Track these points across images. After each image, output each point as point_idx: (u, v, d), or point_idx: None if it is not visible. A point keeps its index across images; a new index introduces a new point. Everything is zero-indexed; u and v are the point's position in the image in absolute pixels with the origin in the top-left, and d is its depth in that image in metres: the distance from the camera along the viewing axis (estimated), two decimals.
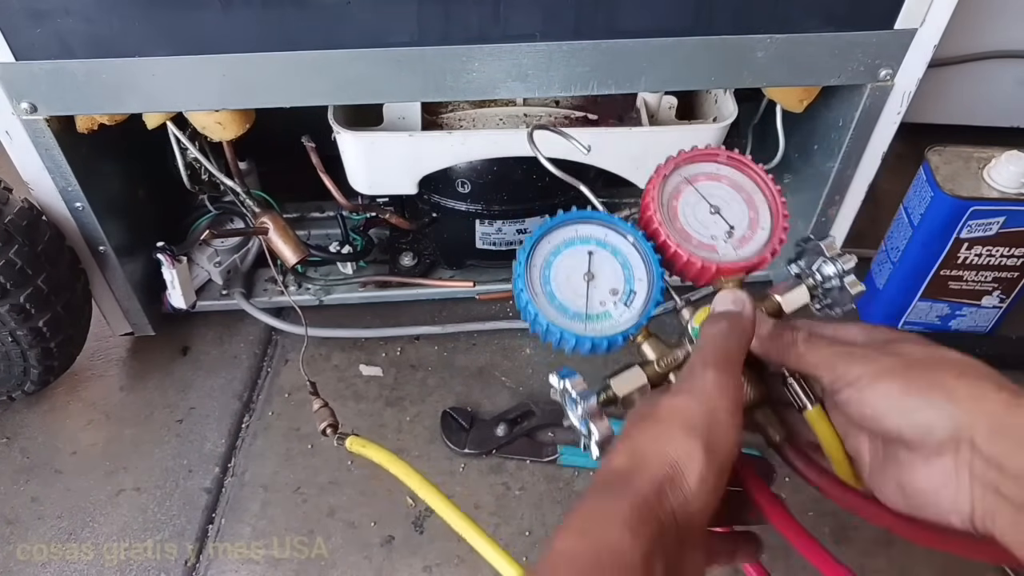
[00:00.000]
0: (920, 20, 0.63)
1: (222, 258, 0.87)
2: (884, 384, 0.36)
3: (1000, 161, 0.73)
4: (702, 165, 0.54)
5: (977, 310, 0.84)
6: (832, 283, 0.50)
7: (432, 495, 0.57)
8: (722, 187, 0.54)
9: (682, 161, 0.53)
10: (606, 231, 0.53)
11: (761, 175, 0.53)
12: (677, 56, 0.63)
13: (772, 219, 0.53)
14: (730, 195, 0.54)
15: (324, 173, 0.76)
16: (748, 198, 0.54)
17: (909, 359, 0.37)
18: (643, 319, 0.51)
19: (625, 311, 0.52)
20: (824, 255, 0.50)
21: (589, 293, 0.52)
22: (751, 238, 0.52)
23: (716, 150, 0.53)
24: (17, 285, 0.67)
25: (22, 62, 0.59)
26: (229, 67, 0.61)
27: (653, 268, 0.51)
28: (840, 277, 0.49)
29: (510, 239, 0.83)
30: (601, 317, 0.52)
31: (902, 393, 0.36)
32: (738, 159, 0.53)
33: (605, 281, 0.53)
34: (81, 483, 0.75)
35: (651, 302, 0.51)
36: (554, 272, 0.52)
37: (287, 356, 0.87)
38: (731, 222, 0.52)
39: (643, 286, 0.52)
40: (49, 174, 0.68)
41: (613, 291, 0.52)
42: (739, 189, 0.54)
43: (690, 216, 0.53)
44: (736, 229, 0.53)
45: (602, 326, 0.52)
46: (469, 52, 0.61)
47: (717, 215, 0.52)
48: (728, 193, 0.54)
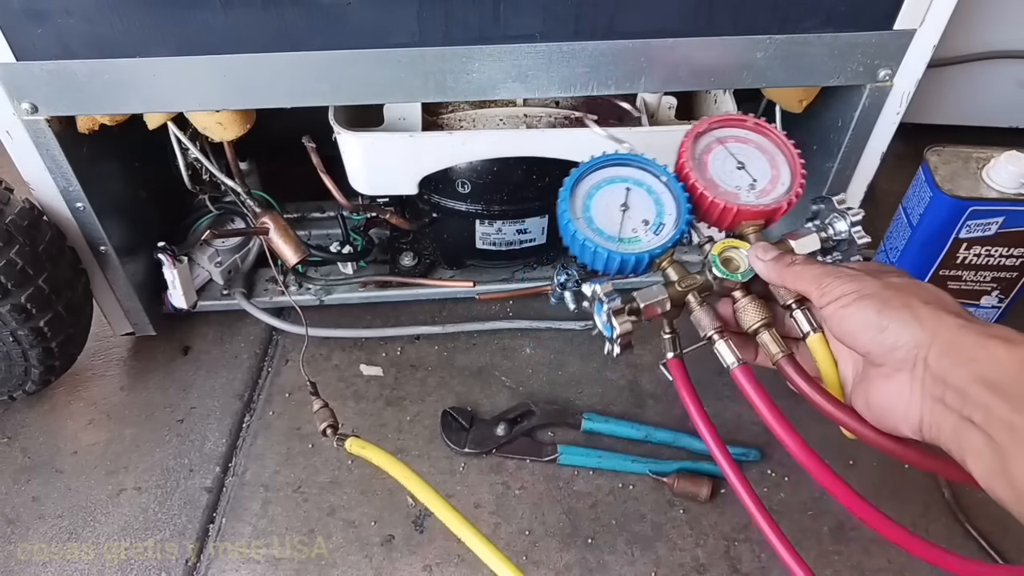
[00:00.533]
0: (919, 21, 0.63)
1: (223, 258, 0.87)
2: (864, 302, 0.41)
3: (999, 161, 0.73)
4: (732, 129, 0.59)
5: (976, 310, 0.84)
6: (842, 235, 0.54)
7: (431, 497, 0.57)
8: (749, 148, 0.59)
9: (715, 123, 0.59)
10: (643, 173, 0.59)
11: (783, 140, 0.59)
12: (676, 57, 0.63)
13: (792, 176, 0.58)
14: (755, 155, 0.59)
15: (325, 173, 0.76)
16: (771, 159, 0.59)
17: (889, 283, 0.42)
18: (669, 243, 0.56)
19: (654, 238, 0.57)
20: (836, 210, 0.54)
21: (623, 221, 0.58)
22: (771, 191, 0.58)
23: (744, 116, 0.59)
24: (18, 285, 0.67)
25: (23, 62, 0.59)
26: (230, 68, 0.61)
27: (682, 205, 0.57)
28: (849, 230, 0.53)
29: (510, 239, 0.83)
30: (632, 241, 0.58)
31: (877, 312, 0.40)
32: (764, 126, 0.59)
33: (638, 213, 0.58)
34: (82, 483, 0.75)
35: (677, 231, 0.57)
36: (595, 201, 0.59)
37: (288, 356, 0.87)
38: (754, 175, 0.58)
39: (671, 219, 0.57)
40: (50, 174, 0.68)
41: (645, 221, 0.58)
42: (763, 151, 0.59)
43: (719, 169, 0.58)
44: (758, 182, 0.58)
45: (632, 247, 0.57)
46: (469, 53, 0.61)
47: (743, 170, 0.58)
48: (753, 153, 0.59)
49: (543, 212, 0.80)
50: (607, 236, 0.58)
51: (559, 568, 0.69)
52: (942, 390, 0.38)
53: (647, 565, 0.69)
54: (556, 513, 0.73)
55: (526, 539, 0.71)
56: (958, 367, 0.37)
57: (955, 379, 0.37)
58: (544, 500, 0.74)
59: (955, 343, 0.38)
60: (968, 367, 0.37)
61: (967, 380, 0.36)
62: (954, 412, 0.37)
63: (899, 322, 0.40)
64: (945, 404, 0.37)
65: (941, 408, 0.38)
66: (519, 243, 0.83)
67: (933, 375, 0.38)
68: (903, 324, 0.39)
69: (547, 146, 0.72)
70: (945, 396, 0.37)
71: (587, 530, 0.72)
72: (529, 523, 0.72)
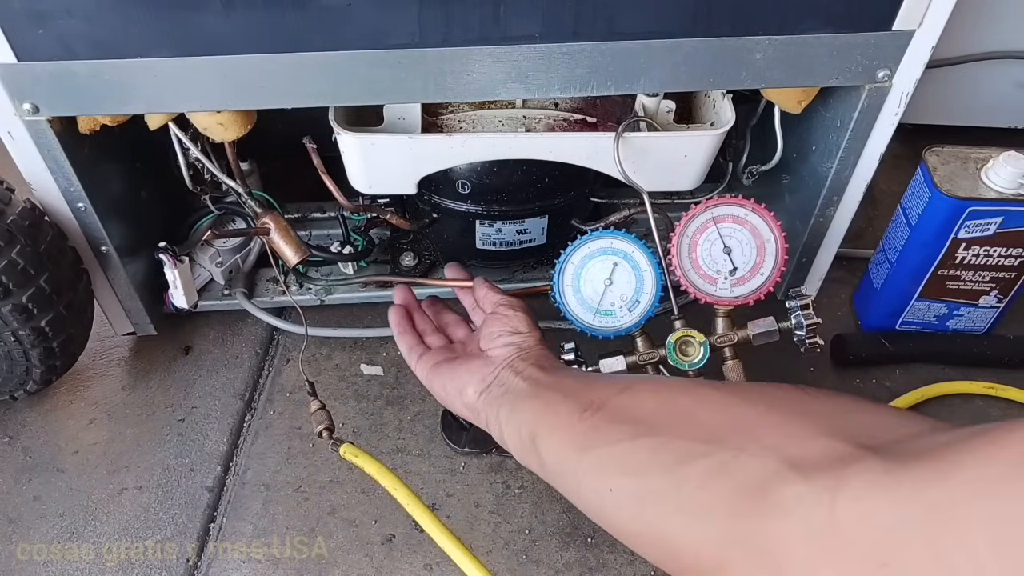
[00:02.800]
0: (918, 21, 0.63)
1: (224, 258, 0.87)
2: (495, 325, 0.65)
3: (998, 162, 0.73)
4: (731, 208, 0.68)
5: (975, 310, 0.84)
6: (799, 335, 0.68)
7: (419, 510, 0.60)
8: (742, 231, 0.68)
9: (713, 204, 0.68)
10: (634, 248, 0.69)
11: (778, 227, 0.68)
12: (676, 58, 0.63)
13: (774, 266, 0.68)
14: (747, 239, 0.68)
15: (325, 174, 0.76)
16: (761, 245, 0.68)
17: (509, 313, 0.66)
18: (637, 324, 0.69)
19: (627, 315, 0.68)
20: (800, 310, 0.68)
21: (604, 294, 0.69)
22: (748, 280, 0.68)
23: (744, 200, 0.68)
24: (19, 285, 0.67)
25: (24, 63, 0.59)
26: (231, 68, 0.61)
27: (658, 292, 0.68)
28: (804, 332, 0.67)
29: (510, 240, 0.83)
30: (607, 314, 0.69)
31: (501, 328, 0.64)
32: (764, 211, 0.68)
33: (619, 288, 0.69)
34: (83, 482, 0.76)
35: (649, 311, 0.68)
36: (585, 271, 0.70)
37: (288, 355, 0.87)
38: (736, 263, 0.68)
39: (647, 299, 0.68)
40: (51, 175, 0.68)
41: (623, 297, 0.69)
42: (756, 235, 0.68)
43: (706, 251, 0.69)
44: (738, 270, 0.68)
45: (606, 321, 0.69)
46: (469, 53, 0.61)
47: (728, 256, 0.68)
48: (746, 237, 0.68)
49: (543, 213, 0.81)
50: (588, 306, 0.69)
51: (559, 567, 0.69)
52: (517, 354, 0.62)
53: (647, 564, 0.70)
54: (556, 512, 0.73)
55: (526, 538, 0.71)
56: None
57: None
58: (544, 499, 0.74)
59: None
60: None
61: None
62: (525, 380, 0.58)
63: (511, 333, 0.64)
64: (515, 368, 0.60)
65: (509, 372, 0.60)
66: (519, 243, 0.84)
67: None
68: (514, 334, 0.64)
69: (546, 150, 0.72)
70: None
71: (587, 529, 0.72)
72: (529, 522, 0.73)
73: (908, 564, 0.28)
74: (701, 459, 0.39)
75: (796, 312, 0.67)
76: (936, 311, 0.85)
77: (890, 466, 0.30)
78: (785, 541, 0.33)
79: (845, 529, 0.30)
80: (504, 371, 0.59)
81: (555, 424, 0.50)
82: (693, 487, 0.38)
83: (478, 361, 0.62)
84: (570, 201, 0.82)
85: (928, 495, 0.28)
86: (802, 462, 0.34)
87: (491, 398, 0.58)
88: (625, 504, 0.42)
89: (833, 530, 0.31)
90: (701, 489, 0.38)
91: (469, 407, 0.60)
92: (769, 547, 0.33)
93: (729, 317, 0.69)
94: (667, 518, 0.39)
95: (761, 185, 0.88)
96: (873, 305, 0.88)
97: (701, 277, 0.68)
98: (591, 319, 0.69)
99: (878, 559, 0.29)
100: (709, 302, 0.69)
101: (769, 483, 0.34)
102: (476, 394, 0.60)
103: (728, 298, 0.68)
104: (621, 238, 0.68)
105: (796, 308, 0.67)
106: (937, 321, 0.86)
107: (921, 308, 0.84)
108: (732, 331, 0.69)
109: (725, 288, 0.68)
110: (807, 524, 0.32)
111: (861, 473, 0.31)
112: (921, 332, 0.87)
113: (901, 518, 0.28)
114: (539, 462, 0.51)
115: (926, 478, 0.29)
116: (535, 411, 0.53)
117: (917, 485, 0.29)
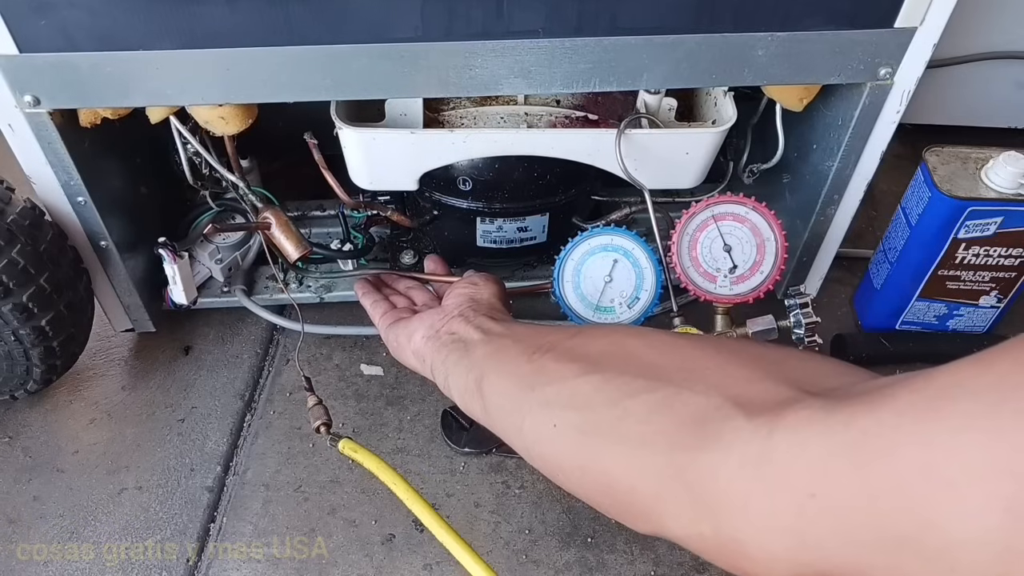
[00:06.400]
0: (920, 19, 0.63)
1: (223, 255, 0.87)
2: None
3: (998, 162, 0.74)
4: (732, 206, 0.68)
5: (975, 310, 0.84)
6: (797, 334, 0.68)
7: (419, 505, 0.59)
8: (743, 229, 0.68)
9: (713, 202, 0.68)
10: (634, 245, 0.69)
11: (778, 225, 0.68)
12: (678, 54, 0.63)
13: (773, 264, 0.68)
14: (747, 237, 0.68)
15: (326, 170, 0.76)
16: (761, 244, 0.68)
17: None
18: (636, 322, 0.68)
19: (627, 311, 0.68)
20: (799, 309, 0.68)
21: (604, 291, 0.69)
22: (747, 278, 0.68)
23: (745, 198, 0.67)
24: (20, 284, 0.67)
25: (26, 54, 0.59)
26: (233, 61, 0.61)
27: (658, 289, 0.68)
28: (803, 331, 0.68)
29: (511, 237, 0.83)
30: (607, 311, 0.69)
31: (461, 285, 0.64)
32: (765, 210, 0.68)
33: (619, 285, 0.69)
34: (83, 482, 0.75)
35: (649, 308, 0.68)
36: (585, 268, 0.69)
37: (288, 355, 0.87)
38: (736, 261, 0.68)
39: (647, 296, 0.68)
40: (51, 168, 0.68)
41: (622, 293, 0.69)
42: (757, 233, 0.68)
43: (706, 248, 0.68)
44: (738, 268, 0.68)
45: (606, 318, 0.68)
46: (472, 48, 0.61)
47: (728, 254, 0.68)
48: (746, 235, 0.68)
49: (544, 210, 0.81)
50: (587, 302, 0.69)
51: (559, 567, 0.69)
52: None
53: (647, 564, 0.69)
54: (556, 512, 0.73)
55: (526, 538, 0.71)
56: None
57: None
58: (544, 499, 0.74)
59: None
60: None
61: None
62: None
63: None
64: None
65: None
66: (520, 241, 0.83)
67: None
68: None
69: (548, 146, 0.72)
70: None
71: (587, 529, 0.71)
72: (529, 522, 0.72)
73: (835, 492, 0.28)
74: (645, 394, 0.39)
75: (795, 310, 0.67)
76: (936, 311, 0.85)
77: (828, 403, 0.31)
78: (720, 472, 0.33)
79: (778, 460, 0.31)
80: (455, 320, 0.59)
81: (503, 366, 0.50)
82: (635, 420, 0.38)
83: (432, 310, 0.62)
84: (571, 199, 0.81)
85: (857, 423, 0.28)
86: (745, 401, 0.34)
87: (439, 344, 0.57)
88: (567, 438, 0.42)
89: (766, 461, 0.31)
90: (643, 422, 0.38)
91: (416, 353, 0.60)
92: (704, 478, 0.34)
93: (728, 315, 0.69)
94: (608, 449, 0.39)
95: (762, 184, 0.88)
96: (873, 305, 0.88)
97: (701, 275, 0.68)
98: (591, 315, 0.69)
99: (807, 489, 0.29)
100: (708, 300, 0.69)
101: (710, 418, 0.35)
102: (423, 339, 0.59)
103: (727, 296, 0.68)
104: (621, 235, 0.68)
105: (795, 306, 0.67)
106: (937, 321, 0.86)
107: (921, 308, 0.84)
108: (731, 329, 0.69)
109: (724, 286, 0.68)
110: (742, 456, 0.32)
111: (799, 411, 0.31)
112: (921, 332, 0.87)
113: (831, 448, 0.29)
114: (482, 405, 0.50)
115: (858, 411, 0.29)
116: (485, 355, 0.53)
117: (849, 417, 0.29)
